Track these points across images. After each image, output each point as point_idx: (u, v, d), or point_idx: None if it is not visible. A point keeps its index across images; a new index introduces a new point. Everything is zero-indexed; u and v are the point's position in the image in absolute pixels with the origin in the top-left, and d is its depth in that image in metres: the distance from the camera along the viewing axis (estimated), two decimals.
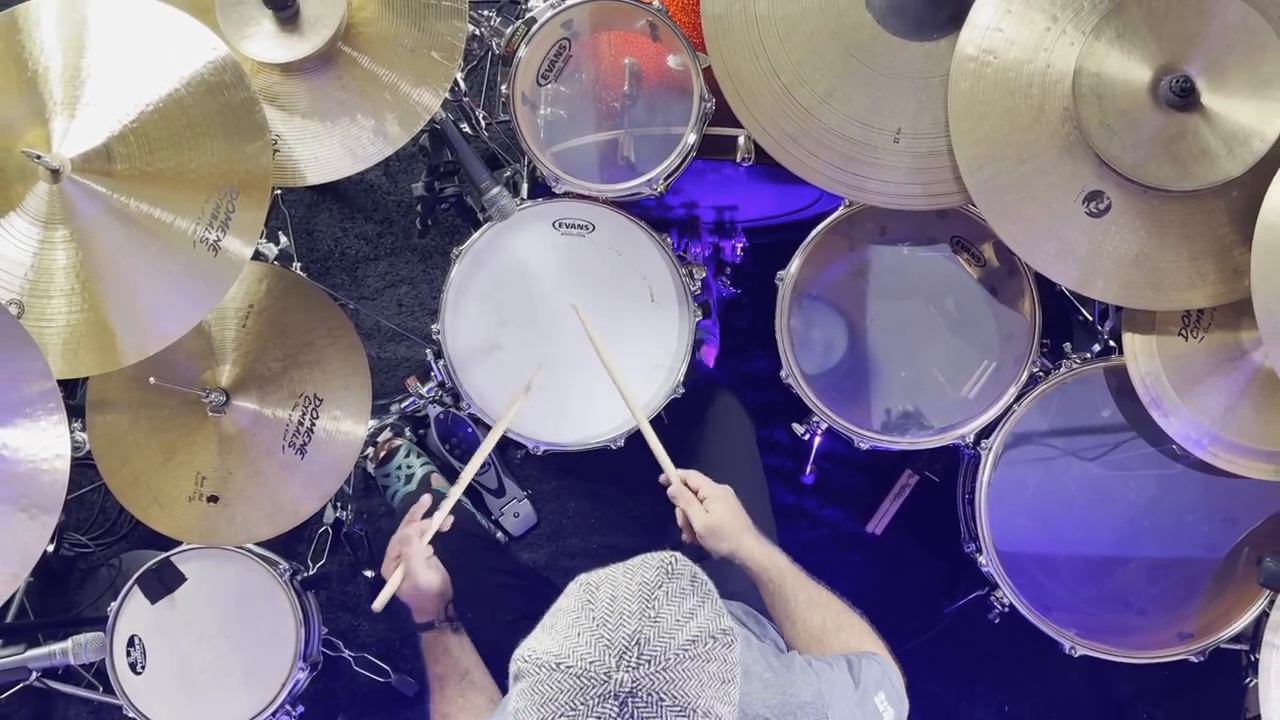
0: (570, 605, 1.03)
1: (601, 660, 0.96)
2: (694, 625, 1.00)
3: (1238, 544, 1.83)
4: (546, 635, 1.01)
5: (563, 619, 1.02)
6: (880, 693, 1.27)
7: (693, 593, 1.03)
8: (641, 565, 1.05)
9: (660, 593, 1.01)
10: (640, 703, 0.95)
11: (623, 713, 0.95)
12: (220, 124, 1.51)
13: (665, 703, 0.96)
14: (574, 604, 1.02)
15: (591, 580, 1.05)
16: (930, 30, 1.63)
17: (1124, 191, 1.57)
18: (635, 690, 0.95)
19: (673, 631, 0.99)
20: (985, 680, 2.38)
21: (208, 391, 1.69)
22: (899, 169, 1.66)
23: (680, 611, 1.00)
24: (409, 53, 1.65)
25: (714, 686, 1.00)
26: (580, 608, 1.01)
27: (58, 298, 1.50)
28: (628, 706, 0.95)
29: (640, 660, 0.96)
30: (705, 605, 1.03)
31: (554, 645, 0.99)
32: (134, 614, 1.85)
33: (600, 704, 0.95)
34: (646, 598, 1.00)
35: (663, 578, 1.03)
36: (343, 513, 2.27)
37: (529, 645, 1.01)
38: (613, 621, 0.98)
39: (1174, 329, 1.68)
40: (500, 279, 1.86)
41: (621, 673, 0.96)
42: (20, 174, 1.50)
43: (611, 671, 0.96)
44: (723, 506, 1.50)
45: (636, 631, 0.97)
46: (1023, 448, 1.85)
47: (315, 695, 2.31)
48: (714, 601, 1.05)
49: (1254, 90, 1.49)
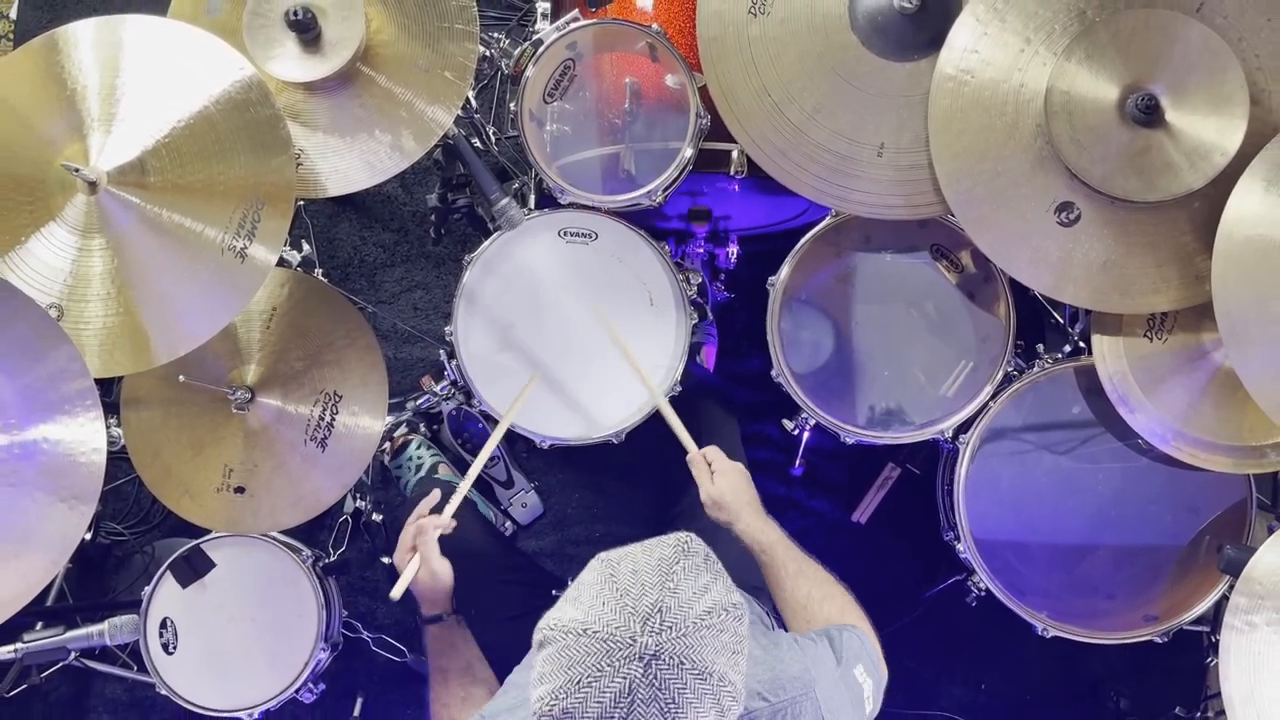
0: (593, 579, 1.03)
1: (627, 625, 0.97)
2: (709, 597, 1.01)
3: (1199, 532, 1.83)
4: (571, 606, 1.02)
5: (586, 591, 1.02)
6: (859, 665, 1.29)
7: (706, 569, 1.05)
8: (659, 544, 1.06)
9: (678, 567, 1.02)
10: (663, 664, 0.96)
11: (647, 673, 0.96)
12: (247, 139, 1.52)
13: (685, 666, 0.97)
14: (597, 577, 1.03)
15: (612, 557, 1.06)
16: (911, 51, 1.63)
17: (1093, 202, 1.57)
18: (659, 653, 0.96)
19: (691, 602, 1.00)
20: (963, 659, 2.38)
21: (234, 389, 1.69)
22: (882, 181, 1.66)
23: (697, 585, 1.02)
24: (424, 73, 1.65)
25: (727, 655, 1.01)
26: (603, 581, 1.02)
27: (95, 302, 1.50)
28: (651, 668, 0.96)
29: (663, 626, 0.97)
30: (718, 581, 1.05)
31: (579, 614, 0.99)
32: (166, 598, 1.85)
33: (626, 665, 0.96)
34: (666, 571, 1.01)
35: (679, 554, 1.04)
36: (362, 502, 2.27)
37: (554, 615, 1.02)
38: (635, 591, 0.99)
39: (1140, 331, 1.68)
40: (509, 284, 1.86)
41: (646, 636, 0.96)
42: (60, 186, 1.51)
43: (636, 635, 0.97)
44: (727, 482, 1.53)
45: (658, 600, 0.98)
46: (998, 442, 1.85)
47: (336, 674, 2.30)
48: (725, 578, 1.06)
49: (1215, 108, 1.49)
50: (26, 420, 1.40)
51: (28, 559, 1.39)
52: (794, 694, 1.19)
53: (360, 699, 2.33)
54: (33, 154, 1.51)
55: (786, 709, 1.18)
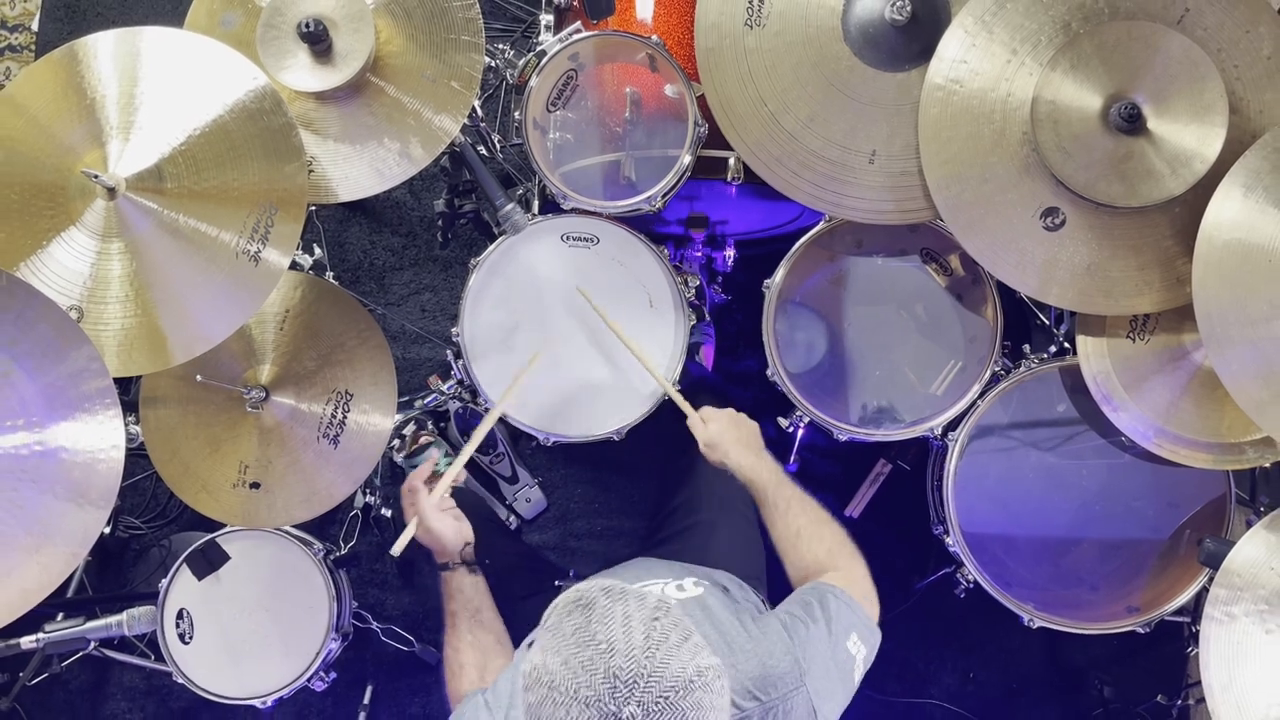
0: (572, 631, 0.99)
1: (615, 690, 0.93)
2: (694, 662, 0.97)
3: (1180, 526, 1.83)
4: (555, 658, 0.97)
5: (567, 645, 0.98)
6: (853, 633, 1.27)
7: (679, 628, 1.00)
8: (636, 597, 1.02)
9: (657, 626, 0.98)
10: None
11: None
12: (260, 147, 1.52)
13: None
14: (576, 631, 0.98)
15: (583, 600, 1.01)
16: (902, 62, 1.63)
17: (1077, 208, 1.57)
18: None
19: (675, 666, 0.96)
20: (952, 649, 2.38)
21: (249, 388, 1.69)
22: (874, 187, 1.66)
23: (677, 647, 0.98)
24: (431, 83, 1.65)
25: (712, 715, 0.97)
26: (584, 643, 0.97)
27: (114, 304, 1.50)
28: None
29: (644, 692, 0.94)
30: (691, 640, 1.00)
31: (568, 675, 0.95)
32: (183, 589, 1.86)
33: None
34: (647, 633, 0.97)
35: (658, 613, 1.00)
36: (371, 498, 2.27)
37: (543, 663, 0.98)
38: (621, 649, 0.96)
39: (1123, 332, 1.68)
40: (514, 287, 1.86)
41: (632, 706, 0.93)
42: (80, 192, 1.51)
43: (623, 705, 0.93)
44: (716, 425, 1.56)
45: (643, 665, 0.95)
46: (986, 439, 1.85)
47: (346, 663, 2.31)
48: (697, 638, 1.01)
49: (1195, 116, 1.49)
50: (48, 418, 1.40)
51: (49, 552, 1.39)
52: (785, 690, 1.18)
53: (369, 687, 2.33)
54: (54, 161, 1.51)
55: (778, 706, 1.17)
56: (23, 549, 1.38)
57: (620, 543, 2.40)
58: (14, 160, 1.52)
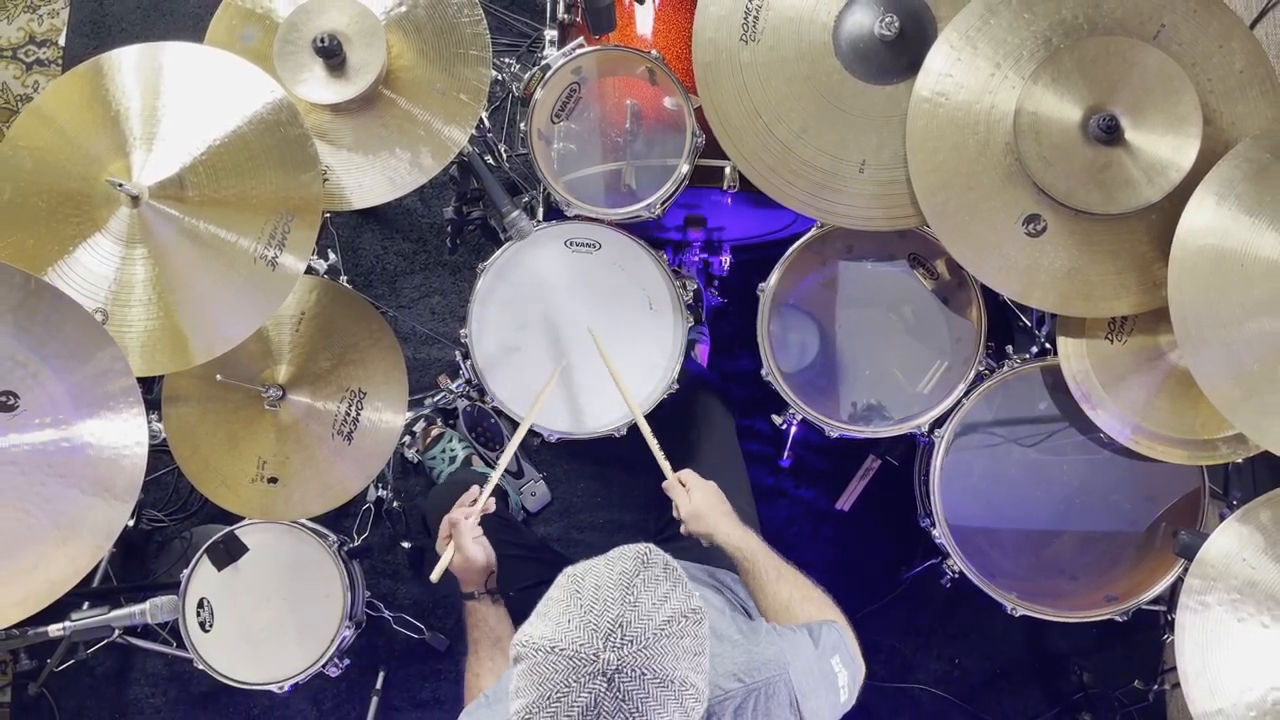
0: (560, 595, 1.02)
1: (590, 642, 0.96)
2: (668, 607, 1.00)
3: (1156, 519, 1.83)
4: (541, 621, 1.00)
5: (554, 607, 1.01)
6: (836, 656, 1.27)
7: (665, 578, 1.03)
8: (620, 557, 1.05)
9: (638, 580, 1.01)
10: (626, 678, 0.96)
11: (611, 687, 0.95)
12: (277, 156, 1.52)
13: (647, 676, 0.96)
14: (563, 594, 1.02)
15: (577, 572, 1.04)
16: (891, 76, 1.63)
17: (1058, 215, 1.57)
18: (621, 667, 0.96)
19: (650, 613, 0.98)
20: (938, 636, 2.37)
21: (267, 387, 1.69)
22: (864, 195, 1.66)
23: (656, 595, 1.00)
24: (440, 95, 1.65)
25: (688, 659, 1.00)
26: (569, 597, 1.01)
27: (137, 307, 1.50)
28: (615, 682, 0.95)
29: (624, 640, 0.96)
30: (677, 589, 1.03)
31: (548, 631, 0.98)
32: (203, 579, 1.86)
33: (591, 681, 0.95)
34: (626, 585, 1.00)
35: (639, 566, 1.02)
36: (383, 492, 2.27)
37: (526, 631, 1.01)
38: (598, 608, 0.98)
39: (1101, 333, 1.68)
40: (519, 290, 1.86)
41: (609, 652, 0.96)
42: (105, 200, 1.51)
43: (599, 652, 0.96)
44: (701, 496, 1.51)
45: (619, 616, 0.97)
46: (971, 436, 1.85)
47: (359, 650, 2.31)
48: (685, 585, 1.04)
49: (1170, 127, 1.49)
50: (75, 416, 1.40)
51: (75, 544, 1.39)
52: (768, 676, 1.18)
53: (382, 672, 2.33)
54: (80, 170, 1.51)
55: (761, 689, 1.17)
56: (51, 541, 1.38)
57: (622, 535, 2.40)
58: (42, 169, 1.52)
